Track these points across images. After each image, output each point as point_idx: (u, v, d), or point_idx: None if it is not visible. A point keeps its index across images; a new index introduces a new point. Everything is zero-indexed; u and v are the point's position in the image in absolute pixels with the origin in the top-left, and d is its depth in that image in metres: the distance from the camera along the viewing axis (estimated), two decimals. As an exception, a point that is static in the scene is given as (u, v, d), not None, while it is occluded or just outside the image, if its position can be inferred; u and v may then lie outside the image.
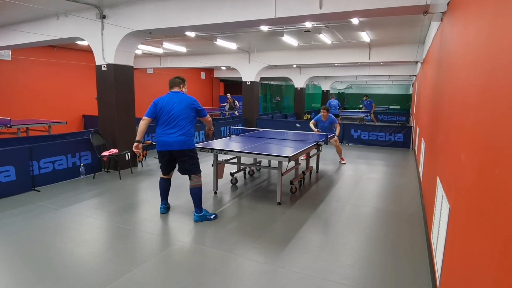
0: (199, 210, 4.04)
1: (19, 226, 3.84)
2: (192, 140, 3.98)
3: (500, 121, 1.31)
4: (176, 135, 3.86)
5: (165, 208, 4.31)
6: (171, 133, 3.87)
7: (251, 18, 5.02)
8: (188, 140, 3.91)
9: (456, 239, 1.96)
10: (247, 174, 6.35)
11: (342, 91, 27.11)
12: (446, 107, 2.98)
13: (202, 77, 19.08)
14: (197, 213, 4.03)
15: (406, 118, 18.94)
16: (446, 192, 2.49)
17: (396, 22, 7.05)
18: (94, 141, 6.24)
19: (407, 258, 3.21)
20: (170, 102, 3.91)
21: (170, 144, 3.88)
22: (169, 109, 3.89)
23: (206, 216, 4.06)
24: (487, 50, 1.62)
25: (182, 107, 3.89)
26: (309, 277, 2.84)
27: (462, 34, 2.44)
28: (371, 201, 4.94)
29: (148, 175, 6.29)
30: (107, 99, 6.52)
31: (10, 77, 10.21)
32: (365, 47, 9.99)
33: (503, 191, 1.20)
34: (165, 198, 4.32)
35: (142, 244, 3.44)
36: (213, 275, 2.86)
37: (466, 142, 1.92)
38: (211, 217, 4.09)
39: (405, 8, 4.16)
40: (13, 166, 4.98)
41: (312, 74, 16.67)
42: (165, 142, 3.90)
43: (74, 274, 2.83)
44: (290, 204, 4.74)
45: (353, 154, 8.83)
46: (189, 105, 3.93)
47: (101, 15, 6.19)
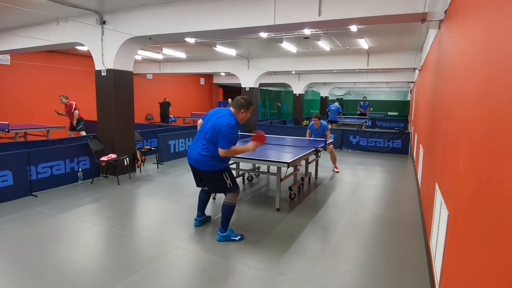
0: (224, 229, 3.63)
1: (15, 231, 3.81)
2: (214, 162, 3.48)
3: (498, 128, 1.32)
4: (196, 152, 3.51)
5: (200, 221, 4.00)
6: (193, 147, 3.59)
7: (250, 24, 5.06)
8: (206, 161, 3.46)
9: (455, 246, 1.96)
10: (245, 179, 6.34)
11: (341, 97, 27.23)
12: (444, 114, 3.00)
13: (201, 83, 19.14)
14: (222, 232, 3.63)
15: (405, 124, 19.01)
16: (445, 199, 2.49)
17: (394, 30, 7.12)
18: (92, 146, 6.23)
19: (406, 265, 3.20)
20: (212, 115, 3.58)
21: (190, 158, 3.60)
22: (206, 121, 3.58)
23: (230, 237, 3.63)
24: (484, 57, 1.64)
25: (212, 124, 3.46)
26: (308, 284, 2.83)
27: (459, 42, 2.46)
28: (369, 207, 4.93)
29: (146, 181, 6.27)
30: (106, 104, 6.52)
31: (9, 82, 10.22)
32: (364, 54, 10.06)
33: (502, 197, 1.20)
34: (200, 210, 3.99)
35: (140, 250, 3.42)
36: (211, 281, 2.84)
37: (465, 149, 1.93)
38: (236, 239, 3.64)
39: (403, 16, 4.21)
40: (11, 171, 4.96)
41: (310, 80, 16.76)
42: (188, 154, 3.64)
43: (71, 280, 2.80)
44: (289, 210, 4.72)
45: (351, 160, 8.84)
46: (218, 126, 3.40)
47: (101, 20, 6.22)
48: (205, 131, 3.52)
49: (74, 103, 9.07)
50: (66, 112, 9.09)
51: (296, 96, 17.34)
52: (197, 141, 3.57)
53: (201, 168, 3.53)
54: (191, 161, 3.60)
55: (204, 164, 3.50)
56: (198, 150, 3.51)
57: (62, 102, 8.95)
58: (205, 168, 3.51)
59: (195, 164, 3.55)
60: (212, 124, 3.46)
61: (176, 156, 8.40)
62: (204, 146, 3.48)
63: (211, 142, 3.45)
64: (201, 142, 3.52)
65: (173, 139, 8.38)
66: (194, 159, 3.55)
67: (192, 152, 3.58)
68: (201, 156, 3.48)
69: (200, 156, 3.49)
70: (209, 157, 3.47)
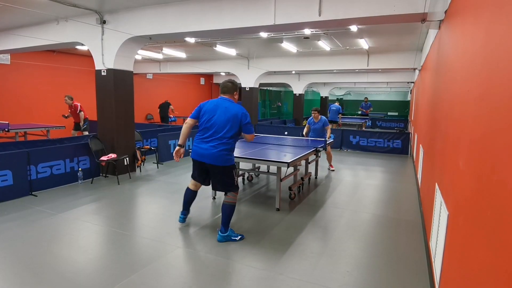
0: (225, 229, 3.61)
1: (15, 231, 3.81)
2: (230, 156, 3.55)
3: (498, 128, 1.32)
4: (211, 147, 3.47)
5: (184, 218, 4.03)
6: (206, 144, 3.50)
7: (250, 24, 5.06)
8: (224, 155, 3.48)
9: (455, 246, 1.96)
10: (245, 179, 6.34)
11: (341, 97, 27.23)
12: (444, 114, 3.00)
13: (201, 82, 19.13)
14: (222, 232, 3.61)
15: (404, 124, 19.02)
16: (444, 199, 2.49)
17: (394, 30, 7.12)
18: (92, 145, 6.23)
19: (406, 265, 3.20)
20: (214, 109, 3.53)
21: (202, 156, 3.52)
22: (210, 116, 3.51)
23: (231, 237, 3.63)
24: (484, 57, 1.64)
25: (226, 117, 3.46)
26: (308, 283, 2.83)
27: (459, 42, 2.46)
28: (369, 207, 4.93)
29: (146, 181, 6.27)
30: (106, 104, 6.52)
31: (9, 81, 10.21)
32: (364, 54, 10.06)
33: (502, 197, 1.20)
34: (186, 208, 4.04)
35: (139, 250, 3.42)
36: (211, 281, 2.84)
37: (465, 149, 1.93)
38: (237, 239, 3.64)
39: (403, 16, 4.21)
40: (11, 170, 4.96)
41: (311, 80, 16.76)
42: (198, 152, 3.55)
43: (70, 280, 2.80)
44: (289, 210, 4.72)
45: (351, 160, 8.84)
46: (234, 117, 3.47)
47: (101, 20, 6.22)
48: (215, 126, 3.48)
49: (79, 104, 9.16)
50: (71, 112, 9.16)
51: (296, 96, 17.34)
52: (206, 138, 3.52)
53: (218, 163, 3.49)
54: (203, 158, 3.53)
55: (222, 159, 3.49)
56: (215, 145, 3.46)
57: (67, 102, 9.03)
58: (222, 163, 3.50)
59: (211, 160, 3.49)
60: (227, 119, 3.48)
61: (176, 156, 8.39)
62: (219, 141, 3.46)
63: (230, 137, 3.49)
64: (214, 138, 3.48)
65: (173, 139, 8.39)
66: (209, 155, 3.49)
67: (205, 149, 3.50)
68: (220, 151, 3.46)
69: (219, 151, 3.46)
70: (227, 151, 3.50)
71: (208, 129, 3.53)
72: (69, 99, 9.01)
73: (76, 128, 9.28)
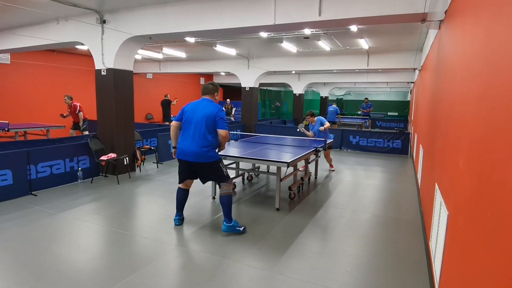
0: (229, 220, 3.77)
1: (15, 230, 3.81)
2: (212, 151, 3.71)
3: (498, 128, 1.32)
4: (193, 145, 3.64)
5: (179, 220, 4.06)
6: (188, 142, 3.68)
7: (250, 24, 5.06)
8: (206, 152, 3.65)
9: (455, 246, 1.96)
10: (245, 179, 6.34)
11: (341, 97, 27.24)
12: (444, 114, 3.00)
13: (201, 82, 19.12)
14: (227, 222, 3.76)
15: (404, 124, 19.02)
16: (444, 199, 2.49)
17: (394, 30, 7.12)
18: (92, 145, 6.23)
19: (406, 265, 3.20)
20: (194, 109, 3.74)
21: (186, 154, 3.70)
22: (190, 116, 3.71)
23: (235, 227, 3.79)
24: (484, 57, 1.64)
25: (202, 115, 3.66)
26: (307, 283, 2.83)
27: (459, 42, 2.46)
28: (369, 207, 4.93)
29: (146, 180, 6.27)
30: (106, 103, 6.52)
31: (9, 81, 10.21)
32: (364, 54, 10.06)
33: (502, 197, 1.20)
34: (180, 210, 4.07)
35: (139, 250, 3.42)
36: (210, 281, 2.84)
37: (465, 149, 1.93)
38: (241, 229, 3.81)
39: (403, 16, 4.21)
40: (10, 170, 4.96)
41: (310, 80, 16.76)
42: (182, 150, 3.72)
43: (70, 280, 2.80)
44: (289, 210, 4.72)
45: (351, 160, 8.84)
46: (210, 114, 3.66)
47: (101, 20, 6.22)
48: (194, 125, 3.68)
49: (78, 104, 9.16)
50: (70, 112, 9.17)
51: (296, 96, 17.34)
52: (188, 137, 3.70)
53: (202, 160, 3.67)
54: (188, 157, 3.71)
55: (206, 156, 3.67)
56: (198, 144, 3.64)
57: (66, 102, 9.05)
58: (207, 160, 3.68)
59: (195, 158, 3.67)
60: (203, 115, 3.66)
61: (176, 155, 8.38)
62: (199, 138, 3.65)
63: (209, 132, 3.66)
64: (199, 136, 3.65)
65: (173, 138, 8.36)
66: (193, 154, 3.67)
67: (189, 148, 3.68)
68: (203, 149, 3.65)
69: (202, 149, 3.64)
70: (209, 148, 3.68)
71: (188, 128, 3.72)
72: (69, 98, 9.02)
73: (74, 128, 9.27)
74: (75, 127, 9.28)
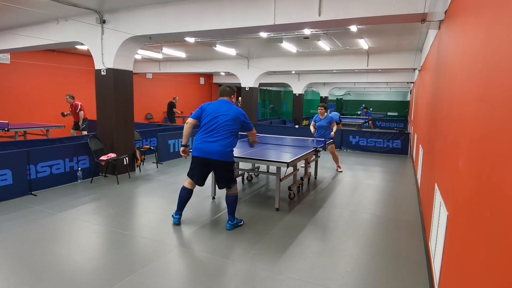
0: (233, 218, 3.98)
1: (15, 230, 3.81)
2: (232, 152, 3.88)
3: (498, 128, 1.32)
4: (217, 144, 3.74)
5: (179, 219, 4.07)
6: (211, 142, 3.75)
7: (250, 24, 5.05)
8: (228, 152, 3.80)
9: (454, 246, 1.96)
10: (245, 179, 6.34)
11: (341, 98, 27.24)
12: (444, 114, 3.00)
13: (201, 82, 19.13)
14: (231, 221, 3.97)
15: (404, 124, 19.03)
16: (444, 199, 2.49)
17: (394, 30, 7.12)
18: (92, 145, 6.23)
19: (405, 265, 3.20)
20: (217, 110, 3.82)
21: (208, 153, 3.75)
22: (214, 116, 3.79)
23: (238, 224, 4.05)
24: (484, 57, 1.64)
25: (228, 117, 3.79)
26: (307, 283, 2.83)
27: (459, 42, 2.46)
28: (369, 207, 4.93)
29: (146, 180, 6.27)
30: (106, 103, 6.52)
31: (9, 81, 10.20)
32: (363, 54, 10.06)
33: (501, 198, 1.20)
34: (181, 209, 4.09)
35: (139, 250, 3.42)
36: (210, 281, 2.84)
37: (464, 149, 1.93)
38: (241, 223, 4.09)
39: (403, 16, 4.21)
40: (10, 170, 4.95)
41: (310, 80, 16.76)
42: (203, 149, 3.77)
43: (70, 280, 2.80)
44: (288, 210, 4.72)
45: (351, 160, 8.85)
46: (236, 117, 3.83)
47: (101, 20, 6.22)
48: (219, 125, 3.78)
49: (80, 103, 9.20)
50: (71, 111, 9.19)
51: (296, 96, 17.34)
52: (211, 136, 3.77)
53: (223, 159, 3.79)
54: (210, 155, 3.76)
55: (228, 155, 3.82)
56: (222, 144, 3.75)
57: (68, 101, 9.10)
58: (227, 159, 3.83)
59: (218, 156, 3.76)
60: (228, 117, 3.80)
61: (175, 155, 8.39)
62: (223, 138, 3.76)
63: (232, 134, 3.82)
64: (224, 136, 3.76)
65: (172, 138, 8.38)
66: (216, 152, 3.75)
67: (210, 147, 3.75)
68: (224, 148, 3.76)
69: (223, 148, 3.76)
70: (232, 148, 3.85)
71: (212, 128, 3.79)
72: (70, 98, 9.06)
73: (75, 128, 9.30)
74: (75, 127, 9.30)
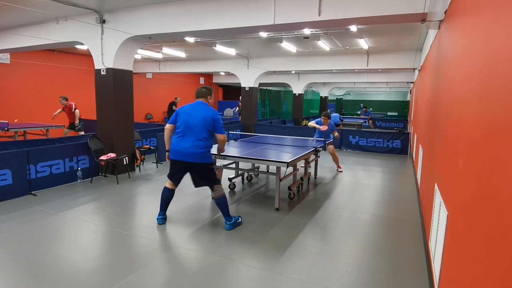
0: (230, 218, 3.96)
1: (15, 230, 3.80)
2: (209, 153, 3.85)
3: (498, 128, 1.32)
4: (190, 146, 3.74)
5: (163, 219, 4.12)
6: (185, 144, 3.76)
7: (250, 24, 5.05)
8: (203, 153, 3.78)
9: (454, 246, 1.96)
10: (245, 179, 6.34)
11: (340, 97, 27.24)
12: (444, 114, 3.00)
13: (201, 82, 19.12)
14: (229, 221, 3.95)
15: (404, 124, 19.03)
16: (444, 199, 2.49)
17: (394, 30, 7.12)
18: (92, 145, 6.22)
19: (405, 265, 3.20)
20: (190, 112, 3.82)
21: (183, 155, 3.77)
22: (187, 118, 3.79)
23: (236, 221, 4.03)
24: (484, 57, 1.64)
25: (200, 117, 3.76)
26: (307, 283, 2.83)
27: (459, 42, 2.46)
28: (369, 207, 4.93)
29: (146, 180, 6.27)
30: (106, 103, 6.51)
31: (9, 81, 10.20)
32: (363, 54, 10.06)
33: (501, 198, 1.20)
34: (164, 209, 4.14)
35: (139, 250, 3.41)
36: (210, 281, 2.84)
37: (464, 149, 1.93)
38: (239, 220, 4.09)
39: (403, 16, 4.21)
40: (10, 169, 4.95)
41: (310, 80, 16.75)
42: (178, 152, 3.79)
43: (70, 280, 2.80)
44: (288, 210, 4.72)
45: (351, 160, 8.84)
46: (207, 117, 3.78)
47: (101, 19, 6.22)
48: (192, 127, 3.76)
49: (73, 103, 9.15)
50: (66, 112, 9.16)
51: (295, 96, 17.33)
52: (185, 138, 3.78)
53: (198, 161, 3.78)
54: (184, 157, 3.78)
55: (202, 156, 3.79)
56: (195, 145, 3.74)
57: (62, 103, 9.05)
58: (202, 161, 3.80)
59: (191, 158, 3.77)
60: (200, 118, 3.77)
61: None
62: (201, 140, 3.76)
63: (206, 134, 3.79)
64: (196, 137, 3.75)
65: (172, 138, 8.36)
66: (189, 154, 3.76)
67: (186, 149, 3.76)
68: (199, 149, 3.76)
69: (199, 150, 3.76)
70: (207, 149, 3.82)
71: (185, 130, 3.79)
72: (64, 99, 9.04)
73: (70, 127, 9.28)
74: (71, 126, 9.28)
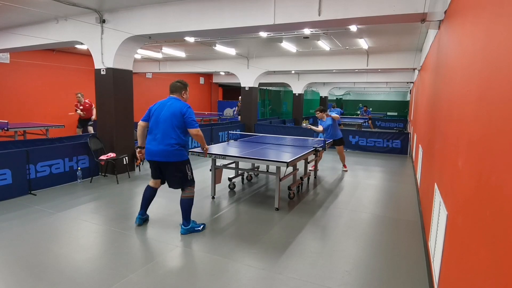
0: (187, 222, 3.77)
1: (14, 230, 3.81)
2: (181, 151, 3.64)
3: (498, 128, 1.32)
4: (161, 144, 3.57)
5: (141, 219, 3.98)
6: (156, 142, 3.60)
7: (250, 24, 5.05)
8: (174, 151, 3.58)
9: (454, 246, 1.96)
10: (245, 179, 6.34)
11: (340, 97, 27.25)
12: (444, 114, 3.00)
13: (201, 82, 19.12)
14: (185, 225, 3.76)
15: (404, 124, 19.04)
16: (443, 199, 2.50)
17: (394, 30, 7.12)
18: (92, 145, 6.22)
19: (405, 265, 3.20)
20: (161, 108, 3.66)
21: (154, 154, 3.63)
22: (157, 115, 3.64)
23: (194, 228, 3.82)
24: (484, 57, 1.64)
25: (169, 113, 3.57)
26: (307, 283, 2.83)
27: (459, 42, 2.46)
28: (369, 207, 4.93)
29: (145, 180, 6.26)
30: (105, 103, 6.51)
31: (9, 80, 10.19)
32: (363, 54, 10.06)
33: (501, 197, 1.20)
34: (144, 208, 3.99)
35: (138, 249, 3.42)
36: (210, 281, 2.84)
37: (464, 149, 1.93)
38: (199, 228, 3.85)
39: (403, 16, 4.21)
40: (10, 169, 4.95)
41: (310, 80, 16.75)
42: (149, 150, 3.66)
43: (69, 279, 2.80)
44: (288, 209, 4.72)
45: (351, 160, 8.85)
46: (176, 113, 3.57)
47: (101, 19, 6.21)
48: (160, 124, 3.59)
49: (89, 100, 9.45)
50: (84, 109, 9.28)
51: (295, 96, 17.34)
52: (155, 136, 3.63)
53: (169, 159, 3.60)
54: (155, 157, 3.64)
55: (173, 154, 3.59)
56: (166, 142, 3.57)
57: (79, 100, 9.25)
58: (174, 159, 3.61)
59: (162, 157, 3.60)
60: (170, 114, 3.58)
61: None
62: (173, 136, 3.57)
63: (176, 131, 3.57)
64: (167, 134, 3.57)
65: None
66: (162, 153, 3.59)
67: (157, 147, 3.60)
68: (171, 147, 3.57)
69: (170, 147, 3.57)
70: (178, 147, 3.60)
71: (156, 127, 3.64)
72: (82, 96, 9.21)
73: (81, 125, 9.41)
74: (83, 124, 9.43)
